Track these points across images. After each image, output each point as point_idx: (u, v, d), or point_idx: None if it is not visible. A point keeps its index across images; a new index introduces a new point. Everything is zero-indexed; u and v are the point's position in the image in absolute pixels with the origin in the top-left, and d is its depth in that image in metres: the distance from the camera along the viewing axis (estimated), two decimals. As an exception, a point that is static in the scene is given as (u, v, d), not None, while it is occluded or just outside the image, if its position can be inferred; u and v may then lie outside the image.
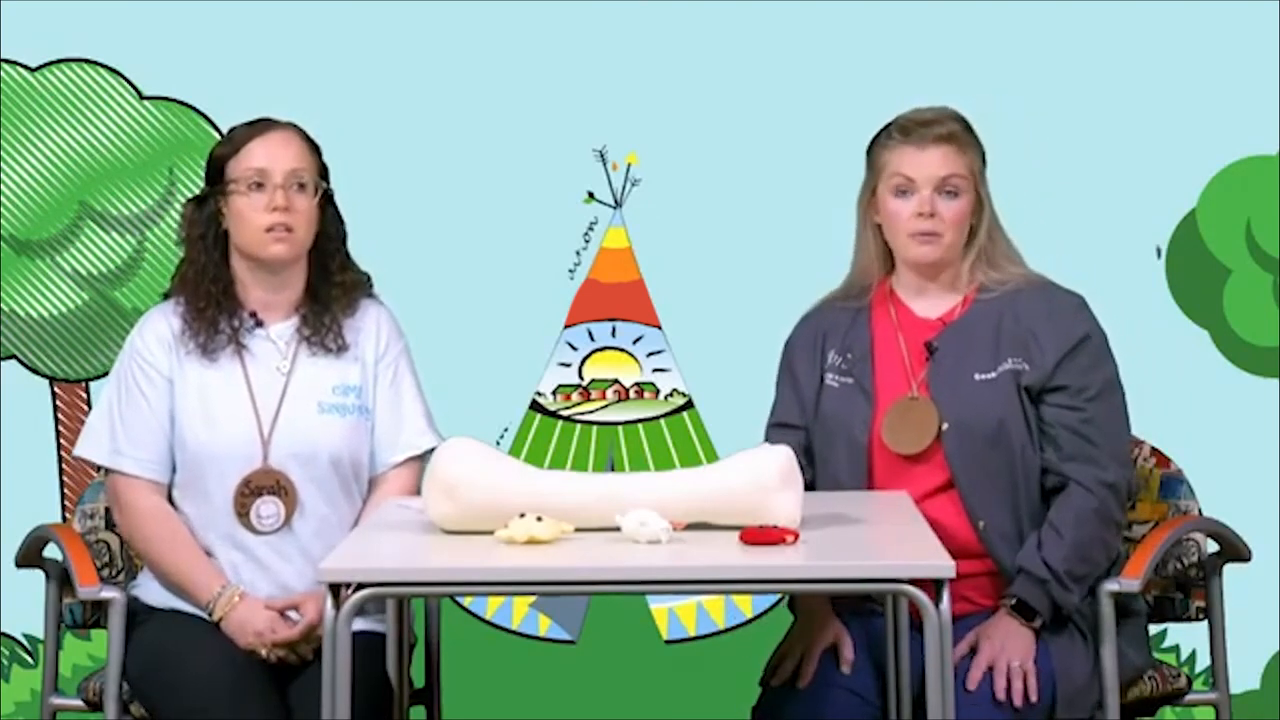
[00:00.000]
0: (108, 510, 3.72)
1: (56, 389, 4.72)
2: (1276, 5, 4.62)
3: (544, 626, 4.70)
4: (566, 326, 4.72)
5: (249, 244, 3.58)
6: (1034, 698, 3.36)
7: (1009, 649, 3.39)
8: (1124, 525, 3.56)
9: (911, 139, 3.55)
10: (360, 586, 2.85)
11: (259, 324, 3.63)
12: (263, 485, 3.57)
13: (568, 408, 4.72)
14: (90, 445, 3.64)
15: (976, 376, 3.52)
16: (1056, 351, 3.51)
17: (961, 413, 3.49)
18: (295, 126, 3.65)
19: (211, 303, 3.60)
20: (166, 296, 3.68)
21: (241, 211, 3.58)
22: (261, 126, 3.62)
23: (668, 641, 4.70)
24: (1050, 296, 3.57)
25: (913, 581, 2.83)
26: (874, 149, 3.60)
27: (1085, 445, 3.49)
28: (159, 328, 3.63)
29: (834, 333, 3.63)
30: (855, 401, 3.56)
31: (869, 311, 3.63)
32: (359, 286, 3.69)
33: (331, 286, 3.65)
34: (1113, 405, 3.54)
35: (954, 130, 3.56)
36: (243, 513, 3.56)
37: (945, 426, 3.49)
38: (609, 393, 4.73)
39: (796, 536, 3.01)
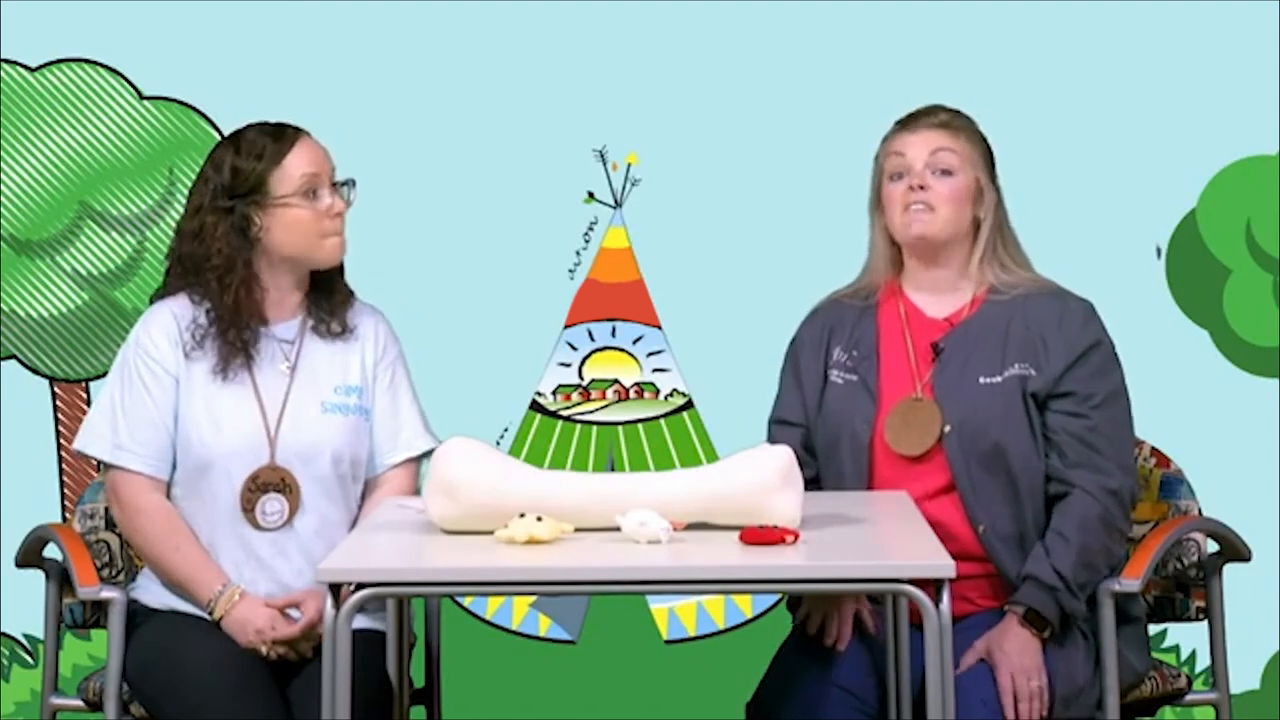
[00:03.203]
0: (108, 510, 3.71)
1: (56, 389, 4.72)
2: (1276, 5, 4.62)
3: (544, 626, 4.70)
4: (566, 326, 4.72)
5: (302, 249, 3.57)
6: (1044, 715, 3.36)
7: (1027, 668, 3.36)
8: (1127, 533, 3.55)
9: (907, 126, 3.60)
10: (360, 586, 2.85)
11: (264, 323, 3.62)
12: (269, 482, 3.57)
13: (568, 408, 4.71)
14: (90, 440, 3.62)
15: (981, 380, 3.52)
16: (1065, 358, 3.50)
17: (964, 416, 3.49)
18: (306, 131, 3.65)
19: (229, 306, 3.57)
20: (162, 295, 3.66)
21: (298, 220, 3.56)
22: (289, 135, 3.59)
23: (668, 641, 4.70)
24: (1062, 303, 3.56)
25: (913, 581, 2.83)
26: (879, 149, 3.63)
27: (1090, 453, 3.48)
28: (165, 323, 3.61)
29: (841, 329, 3.63)
30: (859, 399, 3.56)
31: (876, 309, 3.63)
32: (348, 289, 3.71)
33: (333, 282, 3.67)
34: (1118, 413, 3.53)
35: (948, 119, 3.59)
36: (248, 508, 3.56)
37: (947, 429, 3.49)
38: (609, 393, 4.72)
39: (796, 536, 3.01)
